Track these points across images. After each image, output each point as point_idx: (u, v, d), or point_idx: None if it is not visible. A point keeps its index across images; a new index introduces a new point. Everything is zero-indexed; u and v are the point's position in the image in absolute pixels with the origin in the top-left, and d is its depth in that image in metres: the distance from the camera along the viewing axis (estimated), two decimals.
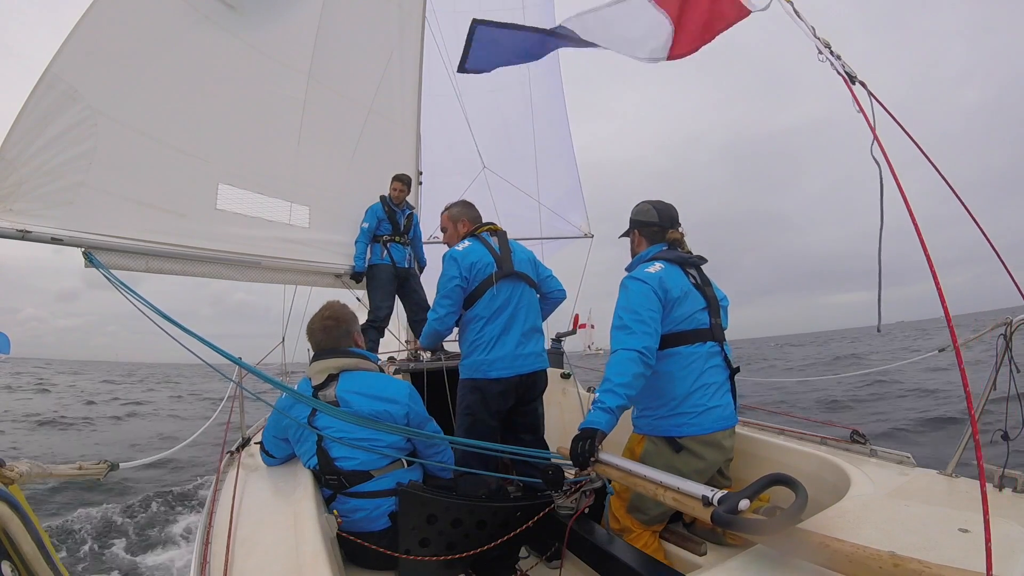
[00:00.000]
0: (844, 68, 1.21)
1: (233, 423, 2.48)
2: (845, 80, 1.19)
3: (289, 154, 3.42)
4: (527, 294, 2.35)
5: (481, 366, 2.21)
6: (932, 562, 0.86)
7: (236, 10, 2.98)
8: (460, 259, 2.24)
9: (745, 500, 1.12)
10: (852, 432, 1.93)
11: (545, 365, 2.36)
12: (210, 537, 1.49)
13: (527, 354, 2.27)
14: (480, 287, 2.22)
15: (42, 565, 0.81)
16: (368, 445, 1.73)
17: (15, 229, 2.11)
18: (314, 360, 1.92)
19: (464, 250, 2.28)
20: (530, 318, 2.33)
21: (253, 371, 1.95)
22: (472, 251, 2.27)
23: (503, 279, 2.24)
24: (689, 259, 1.92)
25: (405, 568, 1.64)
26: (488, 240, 2.34)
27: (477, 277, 2.23)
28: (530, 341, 2.30)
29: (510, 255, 2.34)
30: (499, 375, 2.20)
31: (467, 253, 2.26)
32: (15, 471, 0.99)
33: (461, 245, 2.32)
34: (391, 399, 1.82)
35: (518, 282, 2.32)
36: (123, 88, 2.50)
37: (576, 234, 6.43)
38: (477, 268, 2.23)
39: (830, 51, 1.25)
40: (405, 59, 4.24)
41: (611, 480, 1.65)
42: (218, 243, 2.91)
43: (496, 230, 2.43)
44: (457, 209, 2.50)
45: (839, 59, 1.23)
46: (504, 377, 2.21)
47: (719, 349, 1.84)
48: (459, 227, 2.46)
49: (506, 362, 2.21)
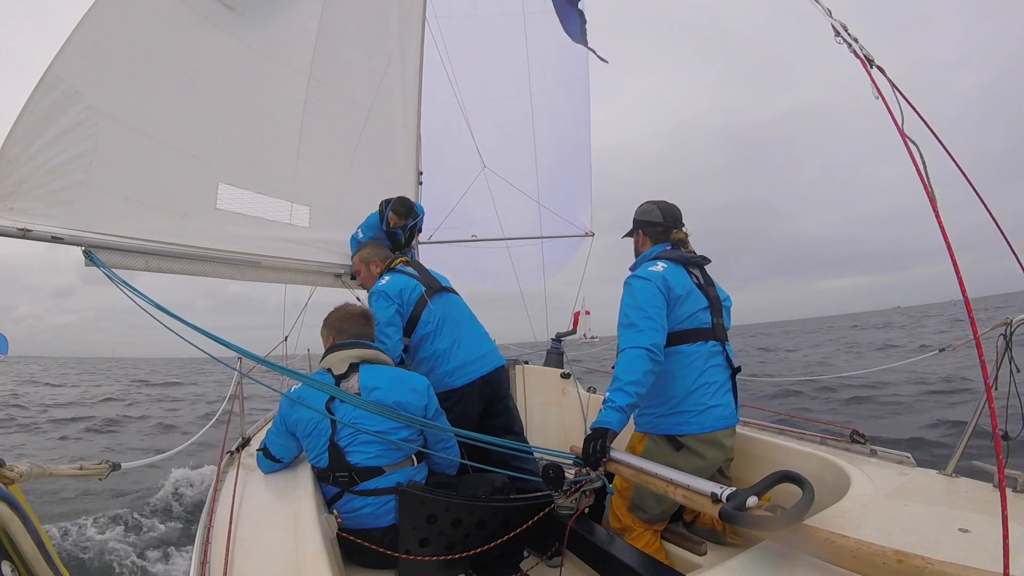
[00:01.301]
0: (862, 51, 1.17)
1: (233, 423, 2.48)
2: (864, 63, 1.14)
3: (289, 154, 3.42)
4: (460, 303, 2.49)
5: (444, 379, 2.26)
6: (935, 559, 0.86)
7: (236, 11, 2.98)
8: (387, 289, 2.33)
9: (753, 497, 1.13)
10: (852, 432, 1.93)
11: (502, 361, 2.45)
12: (210, 537, 1.49)
13: (483, 355, 2.35)
14: (416, 309, 2.31)
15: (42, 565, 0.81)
16: (386, 438, 1.73)
17: (16, 228, 2.11)
18: (334, 350, 1.91)
19: (387, 283, 2.37)
20: (472, 323, 2.44)
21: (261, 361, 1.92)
22: (395, 280, 2.37)
23: (434, 295, 2.36)
24: (692, 259, 1.92)
25: (405, 568, 1.64)
26: (405, 270, 2.46)
27: (410, 300, 2.32)
28: (482, 343, 2.40)
29: (428, 274, 2.48)
30: (463, 382, 2.27)
31: (392, 283, 2.36)
32: (15, 471, 0.99)
33: (382, 280, 2.41)
34: (413, 389, 1.86)
35: (448, 294, 2.45)
36: (124, 89, 2.50)
37: (578, 233, 6.41)
38: (406, 292, 2.33)
39: (847, 33, 1.21)
40: (405, 58, 4.24)
41: (613, 479, 1.66)
42: (218, 242, 2.91)
43: (406, 261, 2.56)
44: (366, 251, 2.65)
45: (856, 42, 1.19)
46: (468, 383, 2.27)
47: (721, 348, 1.85)
48: (372, 268, 2.60)
49: (466, 368, 2.28)
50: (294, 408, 1.81)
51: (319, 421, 1.76)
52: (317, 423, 1.76)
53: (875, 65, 1.14)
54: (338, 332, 1.98)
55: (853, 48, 1.17)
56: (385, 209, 3.83)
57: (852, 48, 1.17)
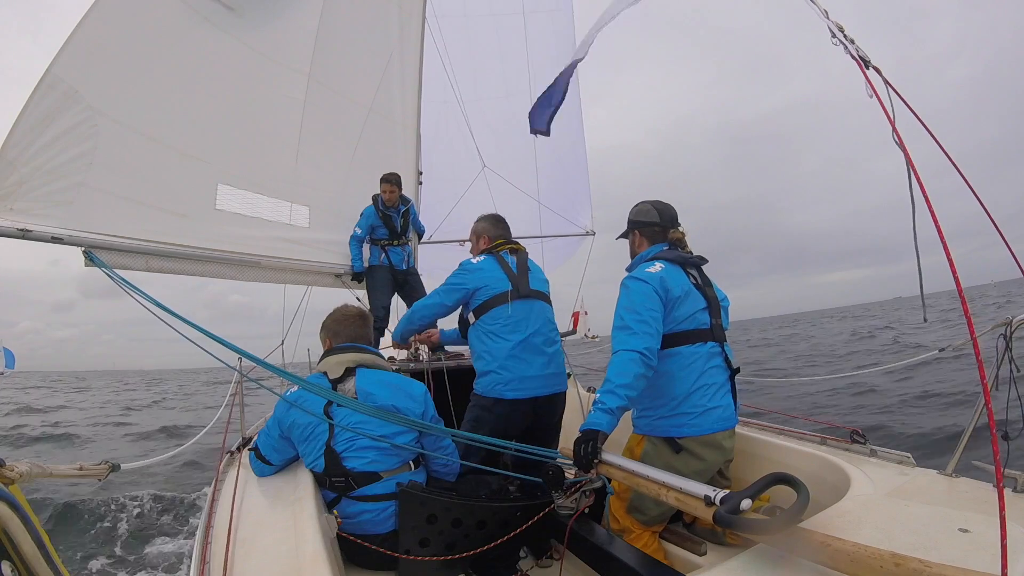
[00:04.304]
0: (858, 52, 1.17)
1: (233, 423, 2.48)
2: (859, 64, 1.14)
3: (289, 154, 3.42)
4: (544, 312, 2.32)
5: (496, 385, 2.16)
6: (933, 561, 0.86)
7: (236, 11, 2.98)
8: (470, 270, 2.27)
9: (747, 500, 1.12)
10: (852, 432, 1.92)
11: (563, 388, 2.31)
12: (210, 537, 1.49)
13: (547, 375, 2.22)
14: (494, 300, 2.21)
15: (42, 565, 0.81)
16: (384, 444, 1.71)
17: (16, 228, 2.11)
18: (331, 353, 1.89)
19: (478, 263, 2.30)
20: (549, 337, 2.29)
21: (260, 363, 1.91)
22: (484, 266, 2.29)
23: (516, 299, 2.22)
24: (690, 259, 1.91)
25: (405, 568, 1.64)
26: (506, 258, 2.33)
27: (486, 291, 2.22)
28: (551, 362, 2.25)
29: (527, 275, 2.32)
30: (514, 396, 2.15)
31: (479, 267, 2.28)
32: (15, 471, 0.99)
33: (477, 259, 2.34)
34: (410, 394, 1.84)
35: (534, 301, 2.29)
36: (123, 89, 2.50)
37: (579, 232, 6.40)
38: (485, 282, 2.24)
39: (844, 34, 1.21)
40: (405, 59, 4.23)
41: (611, 480, 1.66)
42: (218, 243, 2.91)
43: (517, 248, 2.42)
44: (482, 224, 2.51)
45: (853, 43, 1.19)
46: (519, 399, 2.15)
47: (720, 349, 1.84)
48: (480, 242, 2.48)
49: (523, 383, 2.16)
50: (291, 411, 1.78)
51: (316, 425, 1.74)
52: (314, 427, 1.74)
53: (871, 66, 1.15)
54: (334, 335, 1.97)
55: (849, 50, 1.17)
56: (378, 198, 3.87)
57: (848, 50, 1.17)
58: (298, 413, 1.76)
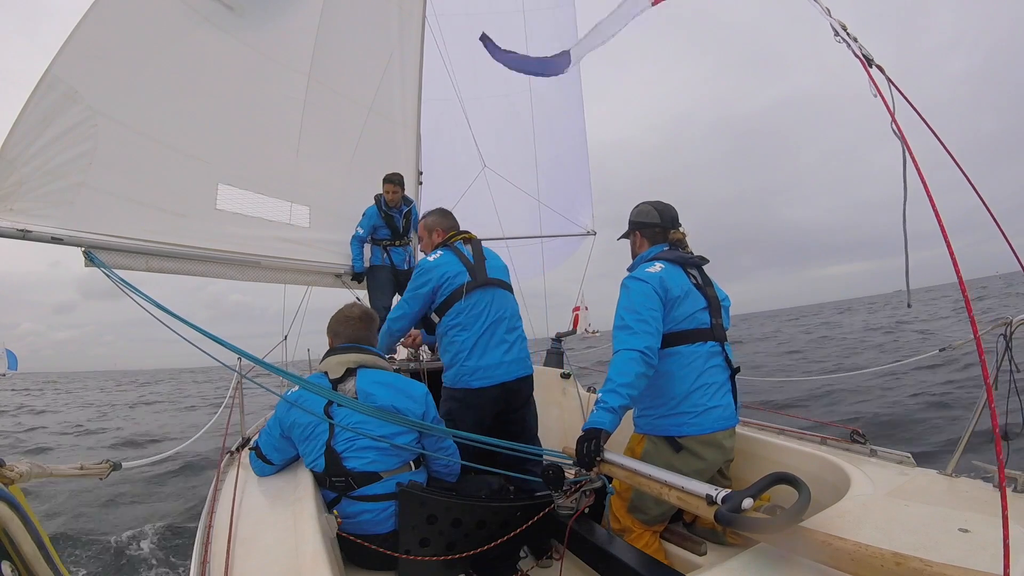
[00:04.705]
0: (861, 50, 1.18)
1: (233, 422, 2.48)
2: (863, 63, 1.15)
3: (289, 154, 3.42)
4: (505, 300, 2.35)
5: (463, 376, 2.21)
6: (934, 561, 0.86)
7: (236, 11, 2.98)
8: (429, 269, 2.28)
9: (748, 499, 1.12)
10: (852, 432, 1.92)
11: (529, 371, 2.35)
12: (210, 537, 1.49)
13: (510, 361, 2.26)
14: (453, 295, 2.24)
15: (42, 565, 0.81)
16: (384, 444, 1.71)
17: (16, 229, 2.11)
18: (332, 353, 1.89)
19: (435, 261, 2.31)
20: (512, 323, 2.33)
21: (259, 363, 1.91)
22: (442, 261, 2.30)
23: (476, 289, 2.25)
24: (690, 259, 1.92)
25: (405, 568, 1.64)
26: (461, 249, 2.36)
27: (448, 287, 2.25)
28: (513, 347, 2.29)
29: (484, 263, 2.35)
30: (481, 384, 2.20)
31: (437, 264, 2.29)
32: (15, 471, 0.99)
33: (433, 256, 2.35)
34: (411, 395, 1.83)
35: (495, 289, 2.32)
36: (123, 89, 2.50)
37: (579, 232, 6.39)
38: (447, 277, 2.25)
39: (847, 33, 1.22)
40: (405, 59, 4.23)
41: (612, 480, 1.66)
42: (218, 243, 2.91)
43: (470, 238, 2.44)
44: (432, 218, 2.53)
45: (856, 41, 1.20)
46: (486, 387, 2.20)
47: (720, 349, 1.84)
48: (433, 236, 2.49)
49: (488, 371, 2.20)
50: (291, 411, 1.79)
51: (316, 425, 1.74)
52: (314, 427, 1.75)
53: (874, 64, 1.15)
54: (335, 335, 1.96)
55: (852, 48, 1.18)
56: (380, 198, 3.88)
57: (851, 48, 1.18)
58: (299, 413, 1.76)
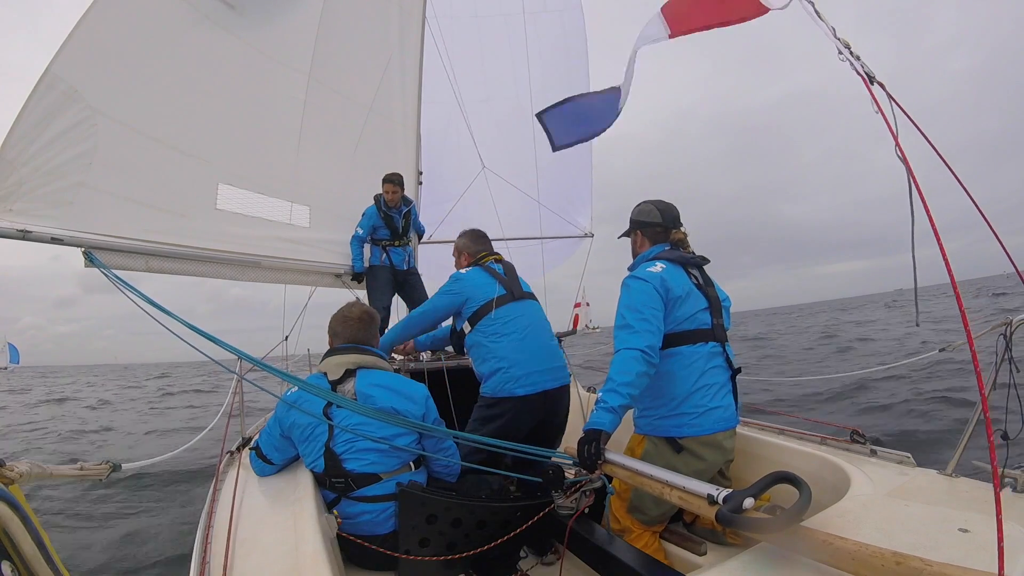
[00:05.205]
0: (864, 69, 1.23)
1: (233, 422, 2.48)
2: (865, 81, 1.20)
3: (289, 154, 3.42)
4: (539, 311, 2.40)
5: (507, 383, 2.16)
6: (934, 560, 0.86)
7: (236, 10, 2.98)
8: (461, 277, 2.32)
9: (749, 499, 1.12)
10: (852, 432, 1.93)
11: (567, 380, 2.36)
12: (210, 537, 1.49)
13: (551, 368, 2.25)
14: (487, 305, 2.25)
15: (42, 565, 0.81)
16: (383, 445, 1.70)
17: (15, 229, 2.11)
18: (332, 354, 1.88)
19: (468, 272, 2.36)
20: (544, 334, 2.36)
21: (259, 364, 1.91)
22: (472, 274, 2.35)
23: (511, 300, 2.28)
24: (691, 259, 1.92)
25: (405, 568, 1.64)
26: (493, 267, 2.40)
27: (481, 295, 2.26)
28: (552, 356, 2.30)
29: (517, 279, 2.41)
30: (526, 392, 2.16)
31: (469, 275, 2.34)
32: (15, 471, 0.99)
33: (464, 270, 2.40)
34: (410, 397, 1.82)
35: (529, 301, 2.36)
36: (123, 88, 2.50)
37: (577, 233, 6.40)
38: (479, 286, 2.29)
39: (850, 52, 1.27)
40: (405, 59, 4.24)
41: (612, 480, 1.66)
42: (218, 243, 2.91)
43: (500, 259, 2.49)
44: (462, 241, 2.57)
45: (859, 59, 1.25)
46: (530, 394, 2.17)
47: (721, 349, 1.84)
48: (462, 258, 2.54)
49: (531, 377, 2.18)
50: (291, 411, 1.78)
51: (316, 425, 1.74)
52: (314, 427, 1.74)
53: (876, 81, 1.19)
54: (335, 335, 1.95)
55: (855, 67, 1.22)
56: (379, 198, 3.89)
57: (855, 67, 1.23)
58: (298, 413, 1.76)
